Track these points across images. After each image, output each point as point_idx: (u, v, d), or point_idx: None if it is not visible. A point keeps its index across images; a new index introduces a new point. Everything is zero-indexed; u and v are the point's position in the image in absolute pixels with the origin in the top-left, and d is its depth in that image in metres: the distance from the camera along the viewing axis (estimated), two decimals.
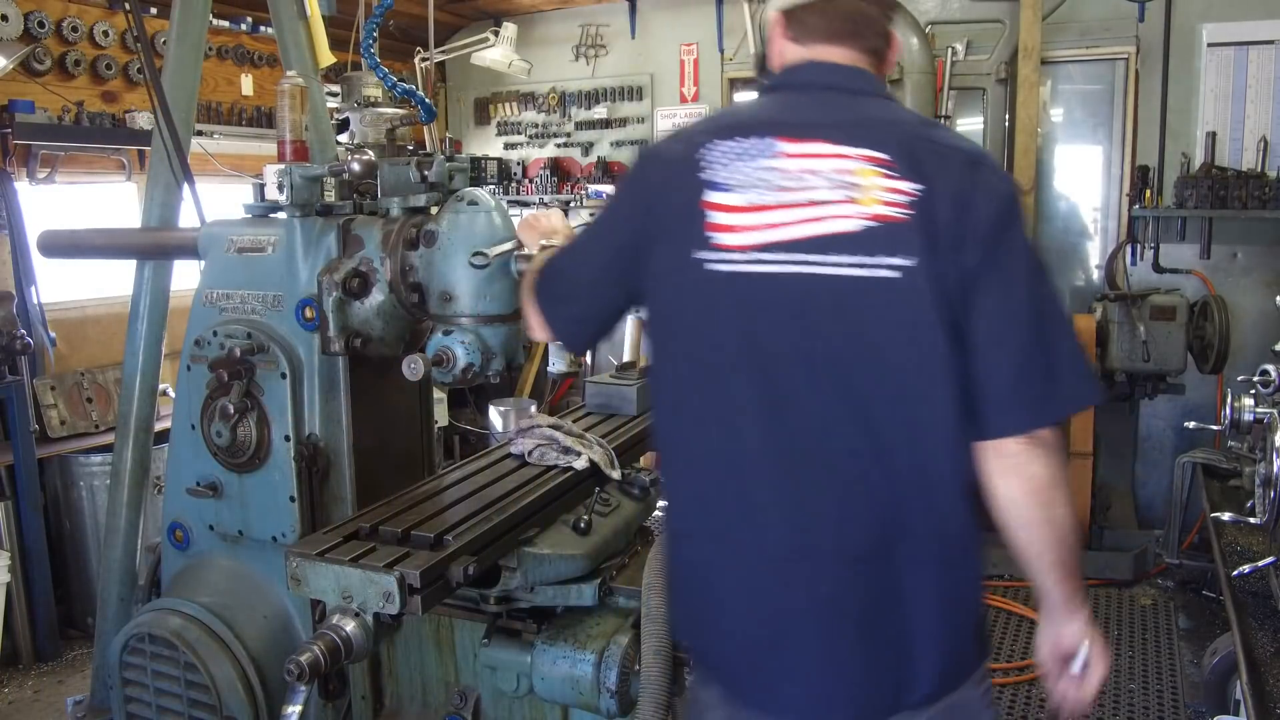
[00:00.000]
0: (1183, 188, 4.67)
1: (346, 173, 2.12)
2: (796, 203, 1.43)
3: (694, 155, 1.50)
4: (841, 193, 1.41)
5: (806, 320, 1.42)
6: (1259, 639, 2.29)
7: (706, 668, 1.61)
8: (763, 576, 1.47)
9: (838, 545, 1.43)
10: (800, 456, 1.43)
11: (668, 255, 1.51)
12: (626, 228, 1.59)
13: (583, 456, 2.15)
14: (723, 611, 1.52)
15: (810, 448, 1.43)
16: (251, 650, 2.13)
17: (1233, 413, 2.83)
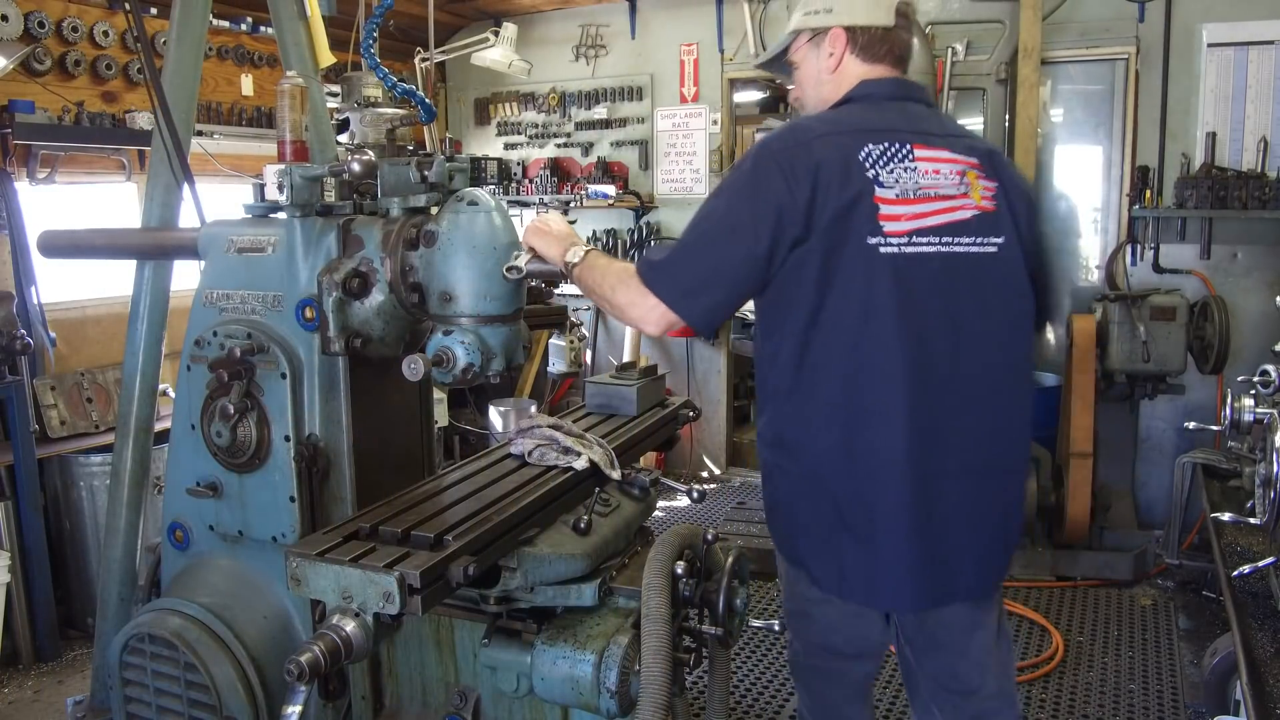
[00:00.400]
0: (1183, 188, 4.67)
1: (346, 173, 2.12)
2: (931, 197, 1.91)
3: (857, 157, 1.87)
4: (960, 189, 1.94)
5: (944, 286, 1.90)
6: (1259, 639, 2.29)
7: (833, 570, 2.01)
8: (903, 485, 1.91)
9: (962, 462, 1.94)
10: (935, 388, 1.91)
11: (841, 241, 1.85)
12: (773, 220, 1.85)
13: (583, 457, 2.14)
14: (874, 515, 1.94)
15: (944, 381, 1.91)
16: (251, 650, 2.13)
17: (1233, 413, 2.83)
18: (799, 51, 2.10)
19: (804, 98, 2.13)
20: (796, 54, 2.11)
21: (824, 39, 2.04)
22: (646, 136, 6.45)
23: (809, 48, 2.08)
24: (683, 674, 2.21)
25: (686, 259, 1.90)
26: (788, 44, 2.13)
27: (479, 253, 1.99)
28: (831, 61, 2.04)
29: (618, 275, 1.98)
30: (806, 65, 2.09)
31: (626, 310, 1.97)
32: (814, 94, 2.10)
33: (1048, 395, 4.98)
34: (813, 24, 2.06)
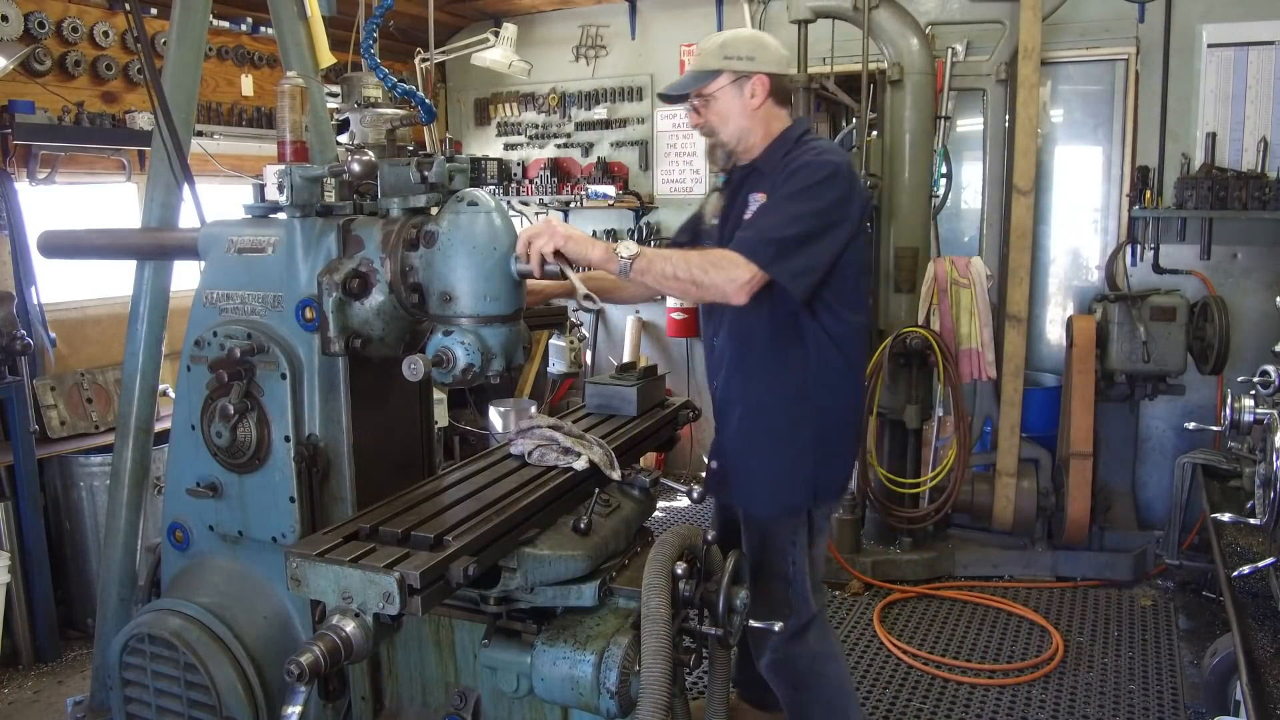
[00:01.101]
0: (1183, 188, 4.67)
1: (346, 173, 2.12)
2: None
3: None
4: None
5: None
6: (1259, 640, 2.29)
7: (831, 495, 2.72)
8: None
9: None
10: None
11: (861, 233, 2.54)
12: (853, 219, 2.47)
13: (583, 457, 2.15)
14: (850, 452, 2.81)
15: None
16: (251, 651, 2.13)
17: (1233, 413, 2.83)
18: (721, 89, 2.49)
19: (718, 128, 2.53)
20: (718, 90, 2.49)
21: (747, 82, 2.48)
22: (646, 137, 6.45)
23: (732, 87, 2.48)
24: (682, 675, 2.21)
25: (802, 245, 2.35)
26: (710, 80, 2.49)
27: (479, 253, 1.99)
28: (754, 102, 2.49)
29: (704, 259, 2.29)
30: (727, 102, 2.49)
31: (722, 285, 2.28)
32: (732, 126, 2.52)
33: (1048, 395, 4.98)
34: (737, 68, 2.48)
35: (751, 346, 2.59)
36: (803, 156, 2.48)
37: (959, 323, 4.62)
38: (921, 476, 4.72)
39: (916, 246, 4.67)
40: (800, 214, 2.36)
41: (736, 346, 2.62)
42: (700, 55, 2.53)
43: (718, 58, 2.48)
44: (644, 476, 2.24)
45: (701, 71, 2.50)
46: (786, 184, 2.43)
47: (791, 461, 2.60)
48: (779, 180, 2.46)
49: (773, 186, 2.47)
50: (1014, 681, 3.73)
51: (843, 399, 2.64)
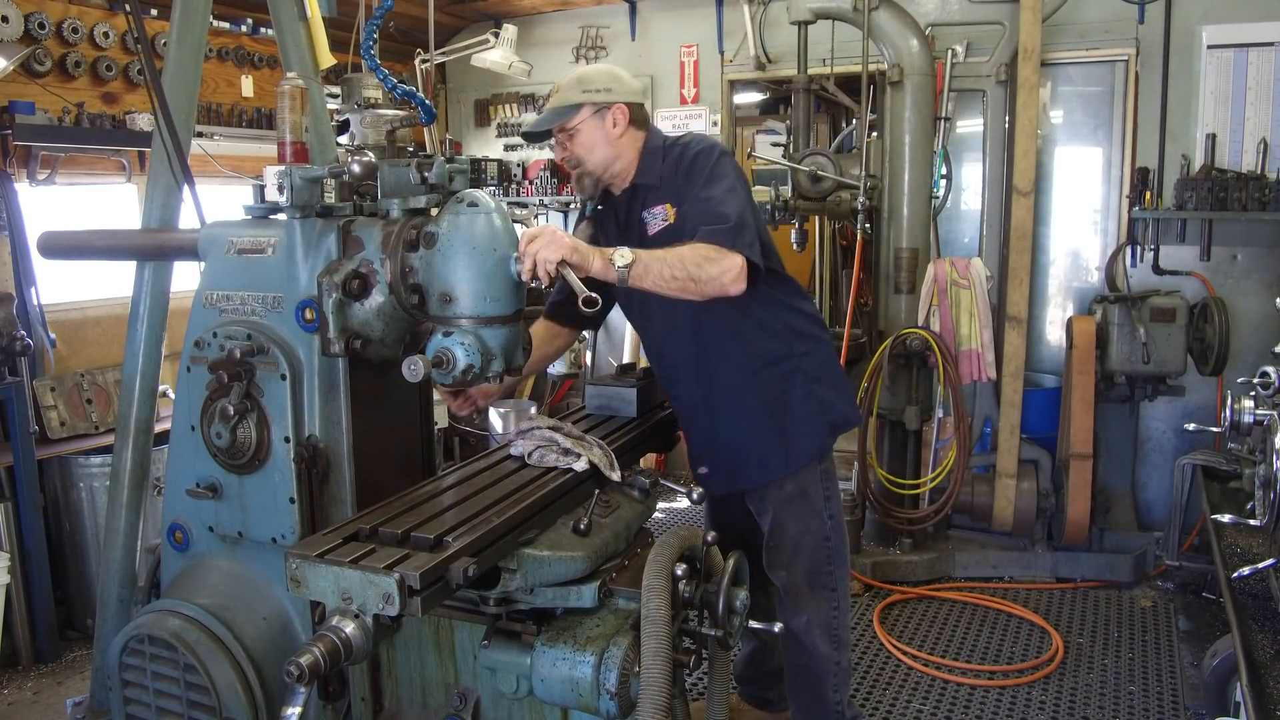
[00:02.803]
0: (1183, 189, 4.67)
1: (346, 174, 2.11)
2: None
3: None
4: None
5: None
6: (1259, 641, 2.29)
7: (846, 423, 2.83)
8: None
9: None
10: None
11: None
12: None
13: (582, 458, 2.15)
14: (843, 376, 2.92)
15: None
16: (251, 652, 2.13)
17: (1233, 414, 2.83)
18: (582, 121, 2.59)
19: (584, 158, 2.62)
20: (580, 123, 2.59)
21: (608, 112, 2.59)
22: None
23: (593, 119, 2.59)
24: (682, 676, 2.21)
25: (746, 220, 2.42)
26: (572, 114, 2.58)
27: (479, 254, 1.99)
28: (616, 130, 2.60)
29: (694, 254, 2.31)
30: (589, 132, 2.60)
31: (719, 278, 2.31)
32: (598, 155, 2.62)
33: (1048, 396, 4.98)
34: (597, 99, 2.59)
35: (718, 334, 2.64)
36: (686, 153, 2.59)
37: (959, 324, 4.62)
38: (921, 478, 4.72)
39: (916, 247, 4.67)
40: (725, 192, 2.46)
41: (701, 340, 2.66)
42: (560, 93, 2.62)
43: (577, 92, 2.58)
44: (643, 477, 2.25)
45: (563, 106, 2.59)
46: (691, 176, 2.53)
47: (800, 409, 2.71)
48: (675, 181, 2.56)
49: (672, 191, 2.57)
50: (1014, 683, 3.72)
51: (815, 339, 2.77)
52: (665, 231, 2.58)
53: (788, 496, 2.74)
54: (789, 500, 2.74)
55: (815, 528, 2.76)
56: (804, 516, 2.75)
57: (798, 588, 2.78)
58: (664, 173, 2.61)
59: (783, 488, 2.73)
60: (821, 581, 2.78)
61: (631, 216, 2.67)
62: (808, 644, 2.78)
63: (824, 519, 2.77)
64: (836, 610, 2.81)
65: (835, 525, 2.80)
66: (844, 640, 2.86)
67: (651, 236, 2.59)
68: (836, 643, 2.82)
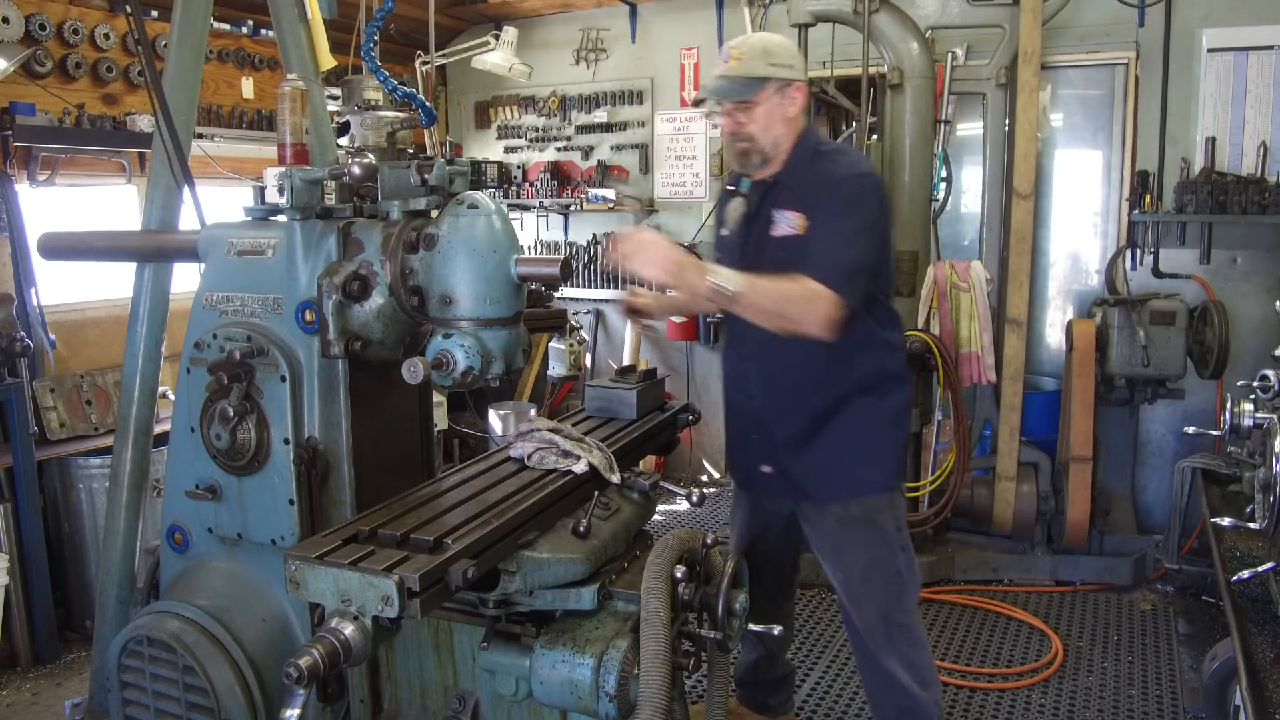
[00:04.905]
0: (1182, 193, 4.67)
1: (347, 176, 2.12)
2: None
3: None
4: None
5: None
6: (1259, 644, 2.29)
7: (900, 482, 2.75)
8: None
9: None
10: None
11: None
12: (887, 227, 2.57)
13: (582, 460, 2.14)
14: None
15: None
16: (250, 653, 2.13)
17: (1232, 418, 2.83)
18: (767, 97, 2.48)
19: (757, 135, 2.51)
20: (763, 97, 2.47)
21: (788, 89, 2.49)
22: (647, 140, 6.45)
23: (776, 94, 2.48)
24: (682, 678, 2.20)
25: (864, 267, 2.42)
26: (758, 88, 2.46)
27: (479, 256, 1.99)
28: (792, 110, 2.51)
29: (797, 291, 2.29)
30: (769, 108, 2.48)
31: (813, 323, 2.29)
32: (772, 133, 2.51)
33: (1048, 399, 4.98)
34: (782, 75, 2.48)
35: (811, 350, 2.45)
36: (836, 170, 2.47)
37: (959, 326, 4.62)
38: (921, 480, 4.72)
39: (916, 250, 4.67)
40: (859, 230, 2.41)
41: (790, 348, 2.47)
42: (743, 61, 2.47)
43: (763, 64, 2.46)
44: (643, 480, 2.24)
45: (749, 78, 2.47)
46: (833, 198, 2.43)
47: (875, 445, 2.62)
48: (816, 196, 2.45)
49: (808, 204, 2.45)
50: (1013, 686, 3.72)
51: (901, 382, 2.68)
52: (790, 241, 2.48)
53: (849, 519, 2.61)
54: (851, 524, 2.62)
55: (886, 560, 2.62)
56: (872, 546, 2.62)
57: (872, 628, 2.63)
58: (809, 179, 2.50)
59: (846, 509, 2.62)
60: (897, 620, 2.63)
61: (762, 208, 2.56)
62: (905, 685, 2.62)
63: (895, 550, 2.63)
64: (916, 645, 2.67)
65: (907, 557, 2.66)
66: (931, 680, 2.69)
67: (774, 238, 2.51)
68: (925, 683, 2.66)
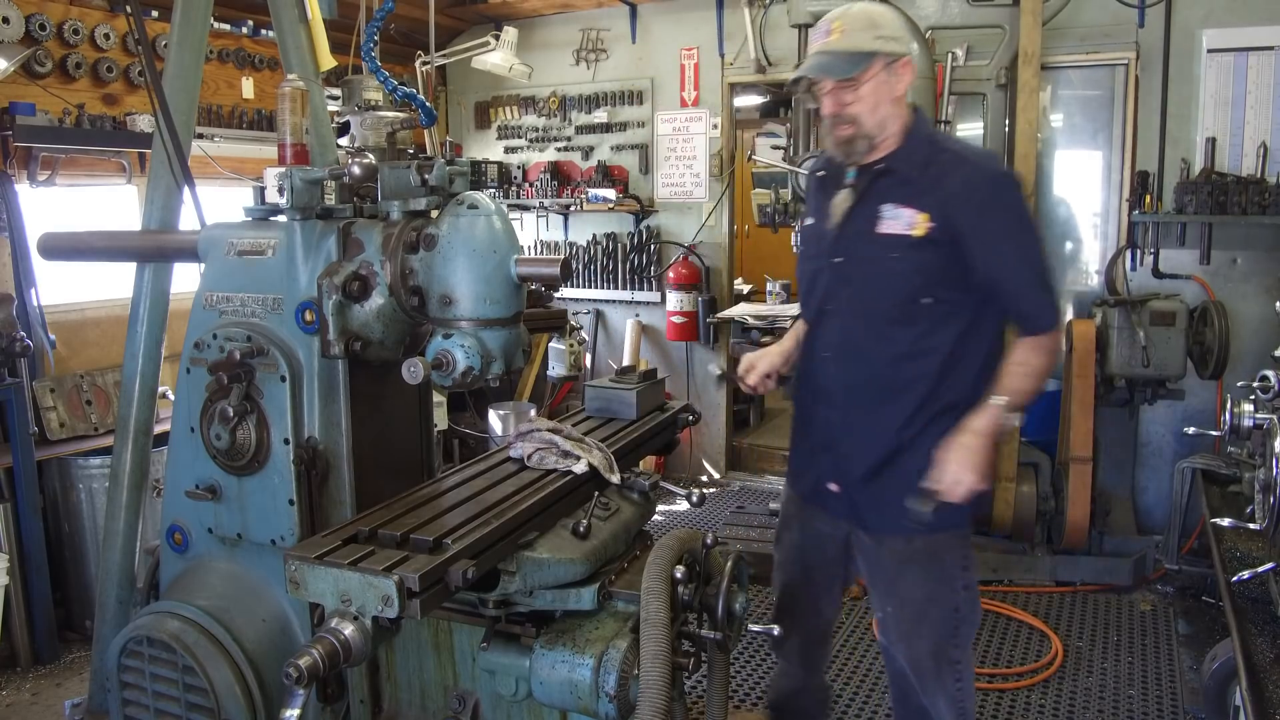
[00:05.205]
0: (1182, 193, 4.67)
1: (347, 176, 2.12)
2: None
3: None
4: None
5: None
6: (1259, 645, 2.29)
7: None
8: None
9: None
10: None
11: None
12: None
13: (582, 460, 2.14)
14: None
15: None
16: (250, 653, 2.13)
17: (1232, 418, 2.83)
18: (871, 71, 2.21)
19: (863, 116, 2.24)
20: (869, 75, 2.21)
21: (896, 65, 2.23)
22: (647, 140, 6.45)
23: (883, 71, 2.22)
24: (681, 679, 2.20)
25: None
26: (866, 64, 2.20)
27: (479, 256, 1.99)
28: (901, 88, 2.24)
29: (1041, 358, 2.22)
30: (876, 87, 2.22)
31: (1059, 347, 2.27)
32: (876, 114, 2.24)
33: (1047, 400, 4.98)
34: (890, 49, 2.21)
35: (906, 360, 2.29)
36: (979, 172, 2.24)
37: None
38: None
39: None
40: (1036, 246, 2.29)
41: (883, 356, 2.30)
42: (846, 34, 2.21)
43: (869, 37, 2.19)
44: (643, 480, 2.24)
45: (855, 52, 2.19)
46: (992, 214, 2.20)
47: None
48: (964, 206, 2.19)
49: (936, 202, 2.20)
50: (1013, 686, 3.72)
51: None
52: (899, 241, 2.22)
53: (913, 554, 2.36)
54: (913, 559, 2.37)
55: (945, 598, 2.38)
56: (933, 583, 2.38)
57: (920, 663, 2.42)
58: (936, 176, 2.22)
59: (910, 543, 2.36)
60: (948, 656, 2.41)
61: (866, 201, 2.29)
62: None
63: (957, 589, 2.39)
64: (962, 686, 2.44)
65: (969, 596, 2.41)
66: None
67: (880, 235, 2.25)
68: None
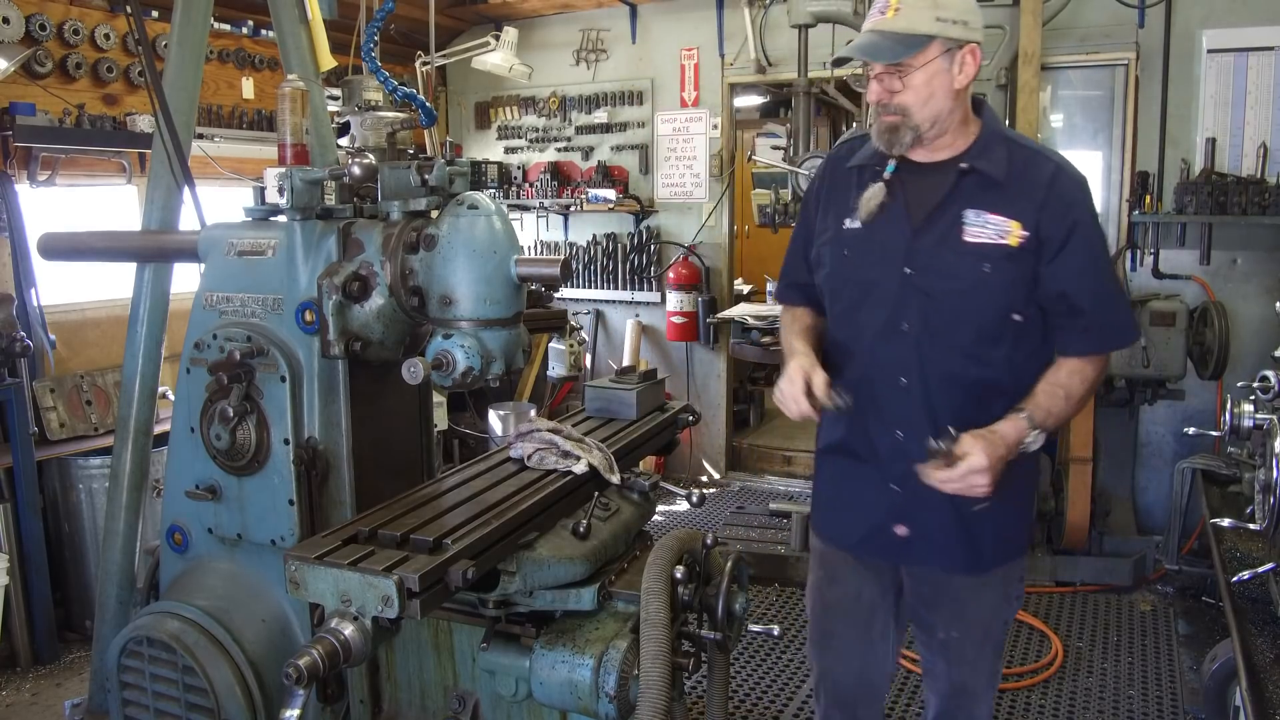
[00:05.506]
0: (1182, 193, 4.67)
1: (347, 176, 2.12)
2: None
3: None
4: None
5: None
6: (1259, 645, 2.29)
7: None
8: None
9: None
10: None
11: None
12: None
13: (582, 460, 2.14)
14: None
15: None
16: (250, 654, 2.13)
17: (1232, 419, 2.83)
18: (927, 57, 1.95)
19: (912, 107, 1.98)
20: (921, 59, 1.95)
21: (958, 53, 1.97)
22: (647, 141, 6.46)
23: (942, 57, 1.96)
24: (681, 679, 2.20)
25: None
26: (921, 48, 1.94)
27: (479, 256, 1.99)
28: (964, 78, 1.98)
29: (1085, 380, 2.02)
30: (932, 75, 1.96)
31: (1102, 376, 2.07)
32: (933, 106, 1.98)
33: None
34: (953, 34, 1.94)
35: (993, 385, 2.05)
36: (1063, 176, 2.07)
37: None
38: None
39: None
40: (1113, 268, 2.16)
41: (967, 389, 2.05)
42: (903, 11, 1.95)
43: (929, 18, 1.93)
44: (643, 480, 2.24)
45: (910, 34, 1.94)
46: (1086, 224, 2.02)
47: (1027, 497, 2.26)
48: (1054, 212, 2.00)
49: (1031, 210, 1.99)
50: (1013, 686, 3.72)
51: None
52: (995, 252, 1.98)
53: (988, 581, 2.18)
54: (988, 584, 2.19)
55: (1006, 613, 2.26)
56: (999, 601, 2.22)
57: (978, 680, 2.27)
58: (1017, 174, 2.03)
59: (989, 576, 2.19)
60: (998, 667, 2.32)
61: (945, 206, 2.02)
62: None
63: (1014, 604, 2.27)
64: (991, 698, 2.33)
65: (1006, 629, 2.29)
66: None
67: (970, 244, 1.99)
68: None
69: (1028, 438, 1.95)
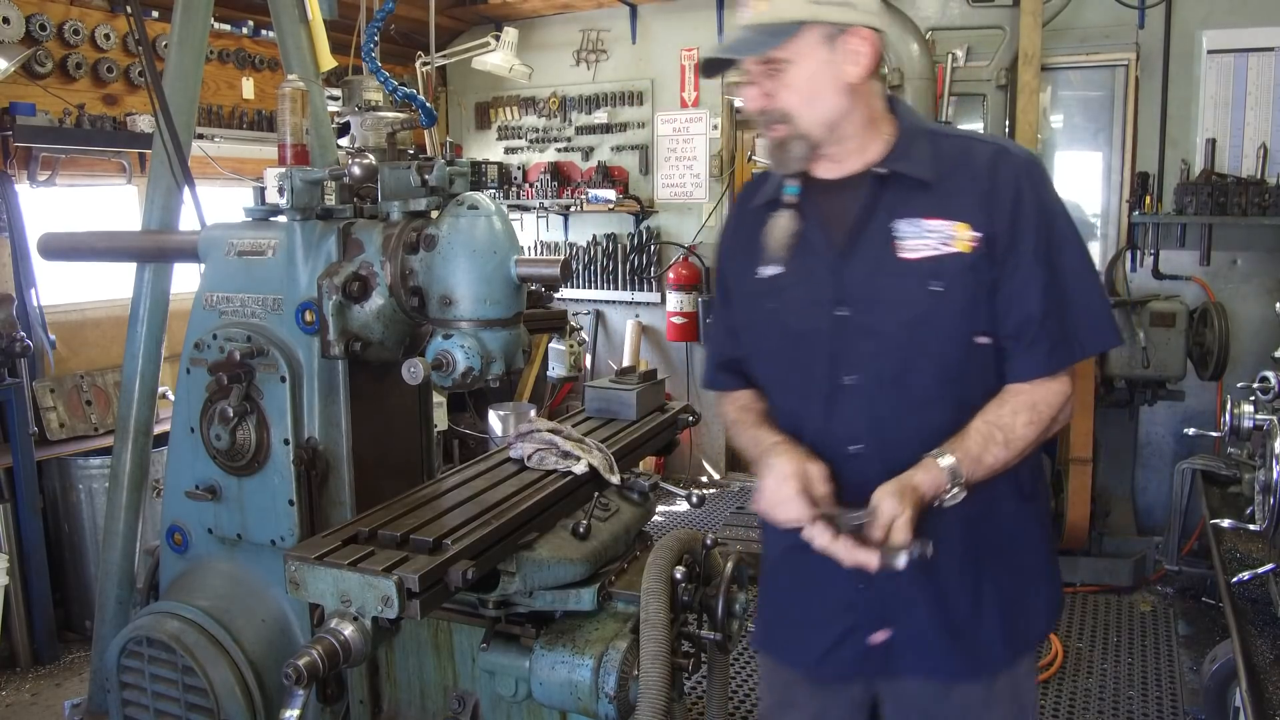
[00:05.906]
0: (1182, 194, 4.68)
1: (347, 176, 2.12)
2: None
3: None
4: None
5: None
6: (1258, 646, 2.29)
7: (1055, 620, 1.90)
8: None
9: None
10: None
11: None
12: None
13: (582, 461, 2.14)
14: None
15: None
16: (250, 654, 2.13)
17: (1232, 419, 2.83)
18: (802, 50, 1.60)
19: (794, 110, 1.64)
20: (797, 51, 1.60)
21: (843, 37, 1.61)
22: (647, 141, 6.46)
23: (820, 45, 1.60)
24: (681, 679, 2.20)
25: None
26: (788, 37, 1.60)
27: (479, 256, 1.99)
28: (856, 69, 1.62)
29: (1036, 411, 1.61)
30: (810, 68, 1.61)
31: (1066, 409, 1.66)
32: (817, 107, 1.63)
33: None
34: (830, 16, 1.59)
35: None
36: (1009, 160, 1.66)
37: None
38: None
39: None
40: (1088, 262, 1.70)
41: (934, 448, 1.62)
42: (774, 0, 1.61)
43: (799, 3, 1.59)
44: (643, 480, 2.24)
45: (775, 24, 1.60)
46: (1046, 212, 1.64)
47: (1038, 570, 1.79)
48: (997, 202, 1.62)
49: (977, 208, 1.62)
50: None
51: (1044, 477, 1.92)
52: (946, 264, 1.61)
53: (996, 695, 1.73)
54: (996, 701, 1.74)
55: None
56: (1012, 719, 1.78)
57: None
58: (950, 167, 1.65)
59: (994, 681, 1.73)
60: None
61: (868, 222, 1.66)
62: None
63: (1029, 711, 1.82)
64: None
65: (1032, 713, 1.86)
66: None
67: (908, 261, 1.62)
68: None
69: (946, 493, 1.57)
